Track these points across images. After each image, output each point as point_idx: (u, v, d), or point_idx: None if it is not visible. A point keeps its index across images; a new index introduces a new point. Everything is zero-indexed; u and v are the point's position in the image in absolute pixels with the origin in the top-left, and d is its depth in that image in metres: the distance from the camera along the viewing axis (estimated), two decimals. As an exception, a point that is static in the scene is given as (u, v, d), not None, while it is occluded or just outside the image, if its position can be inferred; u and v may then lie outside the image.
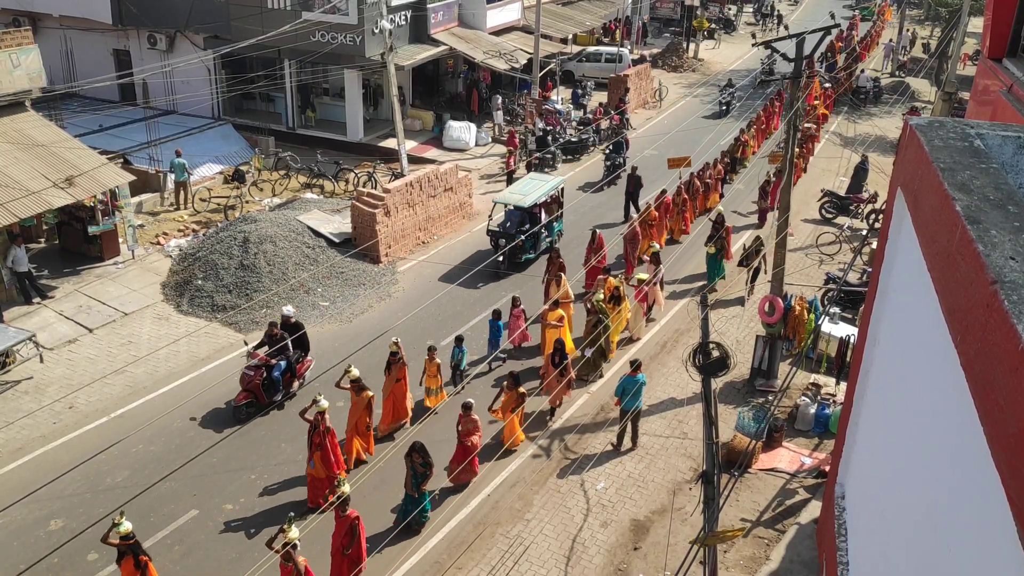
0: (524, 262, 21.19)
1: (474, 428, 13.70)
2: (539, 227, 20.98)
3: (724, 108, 35.07)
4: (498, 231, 21.25)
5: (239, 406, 15.04)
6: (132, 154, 24.34)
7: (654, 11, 52.96)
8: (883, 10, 56.40)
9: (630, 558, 12.65)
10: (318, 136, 28.73)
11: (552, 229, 22.04)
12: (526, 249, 21.09)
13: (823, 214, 25.19)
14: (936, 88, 37.95)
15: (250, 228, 20.18)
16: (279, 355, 15.38)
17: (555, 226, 22.18)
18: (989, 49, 10.30)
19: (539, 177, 22.86)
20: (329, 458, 13.05)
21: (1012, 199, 4.50)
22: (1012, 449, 3.13)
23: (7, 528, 12.59)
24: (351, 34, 26.44)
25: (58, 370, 16.40)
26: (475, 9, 32.01)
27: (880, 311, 7.24)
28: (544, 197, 21.33)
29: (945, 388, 4.46)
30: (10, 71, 18.90)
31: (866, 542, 6.65)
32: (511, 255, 20.72)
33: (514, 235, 20.56)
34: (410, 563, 12.41)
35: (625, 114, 32.24)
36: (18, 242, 18.27)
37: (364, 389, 13.89)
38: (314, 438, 12.94)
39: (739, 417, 15.40)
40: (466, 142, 29.56)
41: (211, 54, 27.56)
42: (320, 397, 13.21)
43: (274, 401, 15.28)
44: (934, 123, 5.86)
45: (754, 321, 18.42)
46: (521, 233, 20.46)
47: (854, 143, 32.01)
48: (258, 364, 15.17)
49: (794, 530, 12.50)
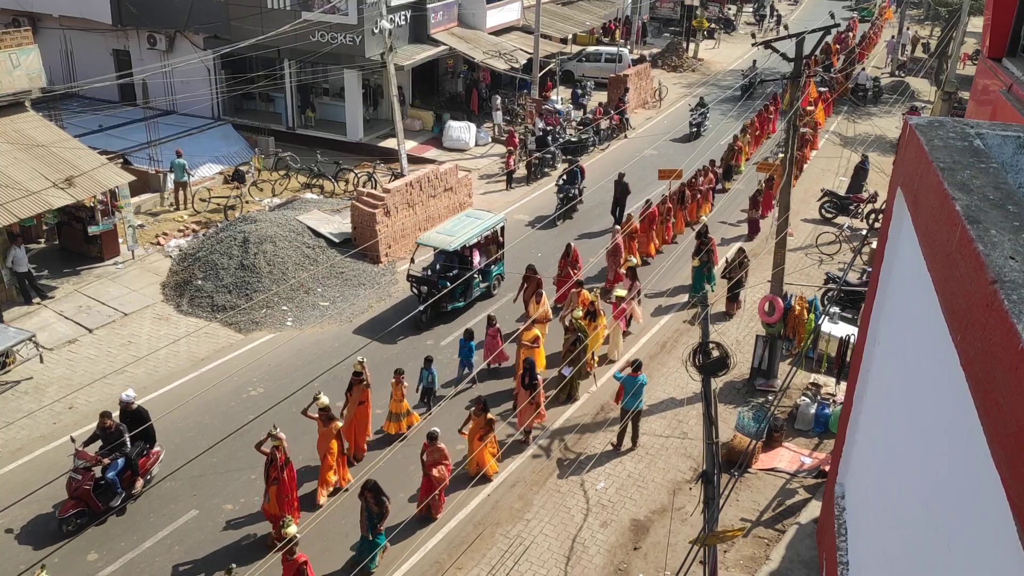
0: (451, 311, 18.67)
1: (440, 458, 12.82)
2: (471, 273, 18.60)
3: (695, 130, 31.74)
4: (419, 277, 18.69)
5: (65, 518, 12.34)
6: (132, 154, 24.35)
7: (654, 11, 52.99)
8: (883, 11, 56.41)
9: (630, 558, 12.65)
10: (318, 136, 28.74)
11: (489, 274, 19.62)
12: (455, 297, 18.55)
13: (823, 214, 25.19)
14: (936, 88, 37.94)
15: (250, 228, 20.19)
16: (116, 452, 12.76)
17: (493, 270, 19.74)
18: (989, 49, 10.30)
19: (475, 214, 20.31)
20: (283, 495, 12.20)
21: (1012, 199, 4.50)
22: (1012, 448, 3.13)
23: (7, 528, 12.58)
24: (351, 34, 26.45)
25: (58, 370, 16.40)
26: (475, 9, 32.02)
27: (880, 311, 7.24)
28: (477, 238, 18.86)
29: (945, 387, 4.46)
30: (10, 71, 18.89)
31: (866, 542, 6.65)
32: (436, 304, 17.98)
33: (437, 282, 18.15)
34: (410, 563, 12.41)
35: (625, 114, 32.24)
36: (18, 242, 18.27)
37: (332, 419, 13.06)
38: (270, 471, 12.12)
39: (739, 417, 15.40)
40: (466, 142, 29.57)
41: (211, 54, 27.56)
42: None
43: (111, 508, 12.65)
44: (934, 123, 5.86)
45: (754, 321, 18.42)
46: (447, 280, 18.17)
47: (854, 143, 32.01)
48: (87, 466, 12.48)
49: (794, 530, 12.50)
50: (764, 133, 31.77)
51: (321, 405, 12.97)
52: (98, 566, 12.05)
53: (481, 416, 13.54)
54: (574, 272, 18.89)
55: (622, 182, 23.79)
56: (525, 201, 25.80)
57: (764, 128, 31.85)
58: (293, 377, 16.05)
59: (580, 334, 15.94)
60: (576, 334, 16.00)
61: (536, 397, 14.52)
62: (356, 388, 14.01)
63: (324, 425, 13.04)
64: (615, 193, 23.94)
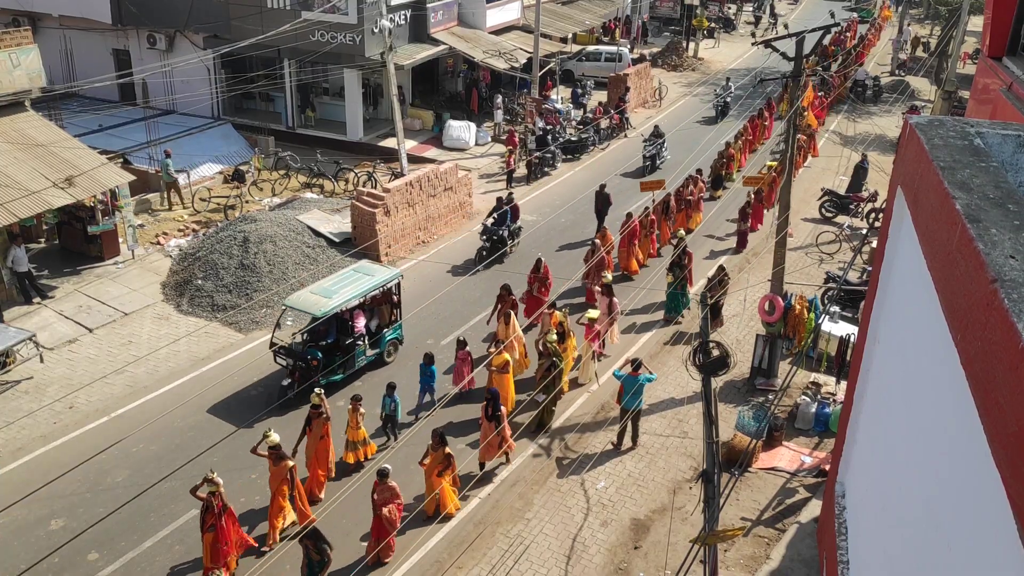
0: (327, 386, 14.94)
1: (391, 497, 11.94)
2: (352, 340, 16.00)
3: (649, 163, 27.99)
4: (283, 347, 15.74)
5: None
6: (132, 154, 24.35)
7: (654, 10, 53.02)
8: (883, 11, 56.36)
9: (630, 557, 12.65)
10: (318, 136, 28.74)
11: (381, 339, 16.84)
12: (333, 368, 15.82)
13: (823, 213, 25.18)
14: (936, 87, 37.93)
15: (250, 228, 20.19)
16: None
17: (386, 335, 16.93)
18: (989, 47, 10.30)
19: (366, 269, 17.10)
20: (221, 542, 11.48)
21: (1012, 198, 4.50)
22: (1012, 447, 3.13)
23: (8, 528, 12.59)
24: (351, 33, 26.45)
25: (58, 370, 16.40)
26: (475, 8, 32.02)
27: (880, 310, 7.24)
28: (360, 298, 15.99)
29: (945, 386, 4.45)
30: (10, 71, 18.90)
31: (866, 541, 6.65)
32: (305, 377, 15.20)
33: (305, 354, 15.46)
34: (410, 563, 12.41)
35: (625, 113, 32.24)
36: (18, 242, 18.28)
37: (283, 458, 12.26)
38: (206, 518, 11.44)
39: (739, 416, 15.40)
40: (466, 141, 29.58)
41: (211, 54, 27.56)
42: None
43: None
44: (934, 122, 5.86)
45: (754, 320, 18.41)
46: (316, 349, 15.63)
47: (854, 142, 32.00)
48: None
49: (794, 529, 12.51)
50: (757, 140, 30.92)
51: (270, 443, 12.21)
52: (99, 566, 12.05)
53: (439, 450, 12.64)
54: (543, 290, 18.00)
55: (603, 193, 22.83)
56: (525, 201, 25.79)
57: (757, 136, 30.92)
58: (293, 377, 16.03)
59: (555, 359, 15.19)
60: (551, 358, 15.22)
61: (502, 430, 13.69)
62: (316, 422, 13.17)
63: (275, 464, 12.25)
64: (596, 205, 22.97)
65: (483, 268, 20.26)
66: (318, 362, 15.36)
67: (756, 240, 23.38)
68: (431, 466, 12.74)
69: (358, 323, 16.24)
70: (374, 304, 16.99)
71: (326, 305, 15.34)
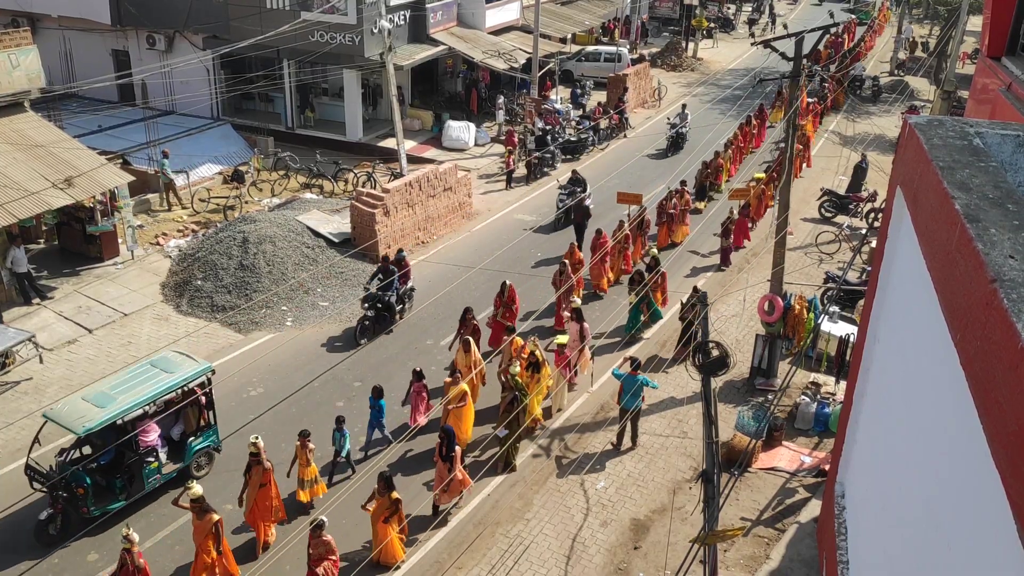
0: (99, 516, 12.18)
1: (326, 553, 11.13)
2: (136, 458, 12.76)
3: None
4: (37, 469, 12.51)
5: None
6: (131, 155, 24.35)
7: (653, 10, 53.01)
8: (882, 11, 56.32)
9: (630, 557, 12.66)
10: (317, 136, 28.73)
11: (188, 450, 13.53)
12: (113, 489, 12.65)
13: (822, 213, 25.19)
14: (935, 87, 37.94)
15: (249, 228, 20.19)
16: None
17: (192, 444, 13.58)
18: (988, 47, 10.31)
19: (166, 363, 13.53)
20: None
21: (1011, 197, 4.50)
22: (1012, 447, 3.13)
23: (7, 528, 12.58)
24: (350, 34, 26.45)
25: (58, 370, 16.40)
26: (474, 9, 32.03)
27: (880, 310, 7.24)
28: (148, 404, 12.73)
29: (945, 386, 4.46)
30: (9, 71, 18.89)
31: (866, 541, 6.66)
32: (70, 502, 12.27)
33: (69, 480, 12.15)
34: (411, 562, 12.41)
35: (624, 113, 32.25)
36: (17, 243, 18.27)
37: (208, 511, 11.30)
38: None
39: (739, 416, 15.40)
40: (465, 142, 29.58)
41: (210, 54, 27.55)
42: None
43: None
44: (933, 122, 5.87)
45: (754, 320, 18.42)
46: (85, 474, 12.21)
47: (853, 142, 32.01)
48: None
49: (794, 529, 12.51)
50: (747, 148, 30.00)
51: (193, 496, 11.23)
52: (99, 566, 12.04)
53: (385, 495, 11.76)
54: (507, 315, 16.94)
55: (582, 206, 21.90)
56: (525, 201, 25.82)
57: (747, 144, 29.87)
58: (293, 377, 16.04)
59: (518, 392, 13.97)
60: (514, 392, 14.00)
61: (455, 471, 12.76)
62: (255, 470, 12.08)
63: (199, 517, 11.30)
64: (575, 218, 21.96)
65: (367, 342, 17.48)
66: (84, 489, 12.18)
67: (756, 240, 23.37)
68: (377, 512, 11.85)
69: (147, 436, 12.99)
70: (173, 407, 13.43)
71: (93, 418, 11.99)
